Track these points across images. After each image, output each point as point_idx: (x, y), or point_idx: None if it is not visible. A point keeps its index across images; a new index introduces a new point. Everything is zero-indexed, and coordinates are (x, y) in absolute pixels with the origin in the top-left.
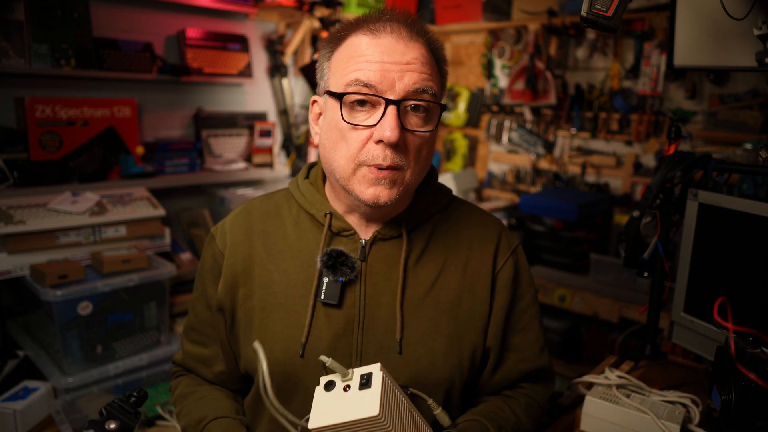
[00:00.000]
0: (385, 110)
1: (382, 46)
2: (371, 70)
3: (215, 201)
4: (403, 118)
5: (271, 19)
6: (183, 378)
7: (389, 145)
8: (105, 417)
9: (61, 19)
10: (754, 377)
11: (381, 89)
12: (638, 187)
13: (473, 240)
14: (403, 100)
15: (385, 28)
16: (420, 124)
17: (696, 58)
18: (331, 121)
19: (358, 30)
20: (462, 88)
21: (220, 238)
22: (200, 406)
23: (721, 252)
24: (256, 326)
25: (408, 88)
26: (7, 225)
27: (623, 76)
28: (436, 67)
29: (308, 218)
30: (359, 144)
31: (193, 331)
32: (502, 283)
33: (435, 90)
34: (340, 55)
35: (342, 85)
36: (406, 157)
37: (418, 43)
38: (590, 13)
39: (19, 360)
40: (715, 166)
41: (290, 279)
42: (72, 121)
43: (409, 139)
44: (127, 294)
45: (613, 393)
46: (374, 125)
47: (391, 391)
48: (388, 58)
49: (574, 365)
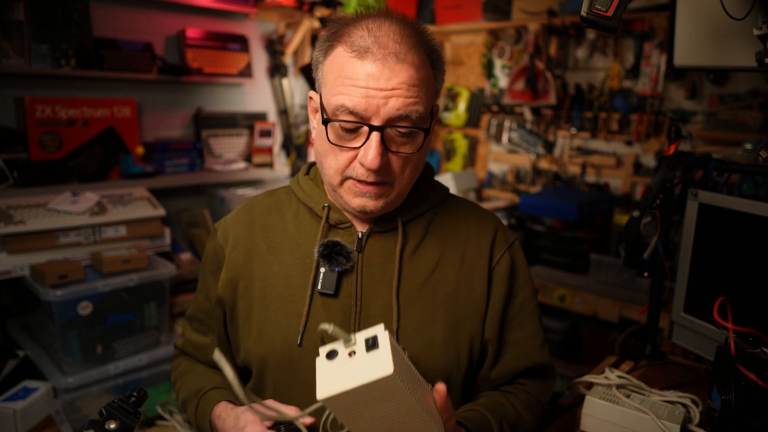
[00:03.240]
0: (369, 135)
1: (368, 72)
2: (357, 96)
3: (215, 201)
4: (387, 140)
5: (271, 19)
6: (184, 358)
7: (371, 169)
8: (105, 417)
9: (61, 19)
10: (754, 377)
11: (365, 116)
12: (638, 187)
13: (470, 234)
14: (386, 127)
15: (372, 50)
16: (403, 145)
17: (696, 58)
18: (321, 133)
19: (347, 41)
20: (462, 88)
21: (222, 233)
22: (199, 380)
23: (721, 252)
24: (256, 316)
25: (391, 114)
26: (7, 225)
27: (623, 76)
28: (426, 82)
29: (307, 212)
30: (345, 161)
31: (195, 320)
32: (499, 277)
33: (421, 112)
34: (330, 68)
35: (330, 107)
36: (391, 174)
37: (406, 64)
38: (590, 13)
39: (19, 360)
40: (715, 166)
41: (289, 270)
42: (72, 121)
43: (392, 160)
44: (127, 294)
45: (613, 393)
46: (359, 147)
47: (398, 352)
48: (373, 84)
49: (574, 365)
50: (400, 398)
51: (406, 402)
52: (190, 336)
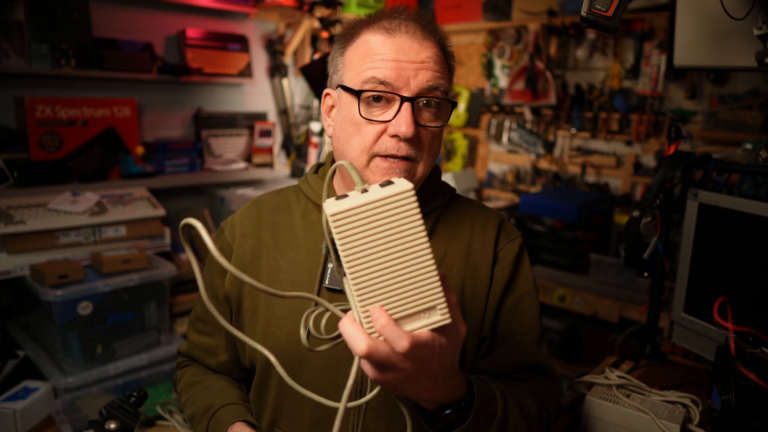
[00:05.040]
0: (401, 107)
1: (398, 45)
2: (387, 68)
3: (215, 201)
4: (416, 113)
5: (271, 19)
6: (188, 368)
7: (404, 139)
8: (105, 417)
9: (61, 19)
10: (754, 377)
11: (396, 86)
12: (638, 187)
13: (474, 230)
14: (417, 97)
15: (400, 27)
16: (432, 119)
17: (696, 58)
18: (346, 116)
19: (373, 27)
20: (462, 88)
21: (229, 231)
22: (207, 394)
23: (721, 252)
24: (262, 313)
25: (422, 85)
26: (7, 225)
27: (623, 76)
28: (446, 65)
29: (315, 209)
30: (374, 137)
31: (200, 321)
32: (503, 263)
33: (446, 87)
34: (355, 52)
35: (359, 82)
36: (419, 149)
37: (431, 42)
38: (590, 13)
39: (19, 360)
40: (715, 166)
41: (296, 267)
42: (72, 121)
43: (422, 134)
44: (127, 294)
45: (613, 393)
46: (389, 120)
47: None
48: (403, 57)
49: (574, 365)
50: (415, 234)
51: (419, 242)
52: (196, 339)
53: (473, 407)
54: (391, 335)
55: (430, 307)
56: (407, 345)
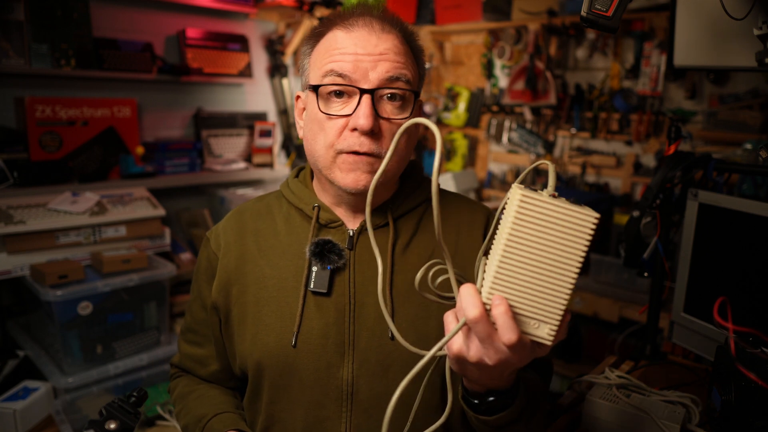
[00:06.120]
0: (360, 99)
1: (356, 39)
2: (345, 61)
3: (215, 201)
4: (378, 106)
5: (271, 19)
6: (181, 378)
7: (364, 132)
8: (105, 417)
9: (61, 19)
10: (754, 377)
11: (354, 79)
12: (638, 187)
13: (461, 226)
14: (377, 89)
15: (357, 22)
16: (396, 112)
17: (696, 58)
18: (311, 114)
19: (334, 26)
20: (462, 88)
21: (214, 240)
22: (200, 404)
23: (721, 252)
24: (250, 321)
25: (381, 77)
26: (7, 225)
27: (623, 76)
28: (411, 56)
29: (298, 213)
30: (336, 132)
31: (190, 332)
32: None
33: (409, 77)
34: (318, 51)
35: (319, 77)
36: (382, 144)
37: (391, 35)
38: (590, 13)
39: (19, 360)
40: (715, 166)
41: (281, 272)
42: (72, 121)
43: (385, 127)
44: (127, 294)
45: (613, 393)
46: (349, 114)
47: None
48: (361, 50)
49: (574, 365)
50: (574, 254)
51: (574, 263)
52: (187, 349)
53: (516, 398)
54: (505, 324)
55: (543, 320)
56: (514, 339)
